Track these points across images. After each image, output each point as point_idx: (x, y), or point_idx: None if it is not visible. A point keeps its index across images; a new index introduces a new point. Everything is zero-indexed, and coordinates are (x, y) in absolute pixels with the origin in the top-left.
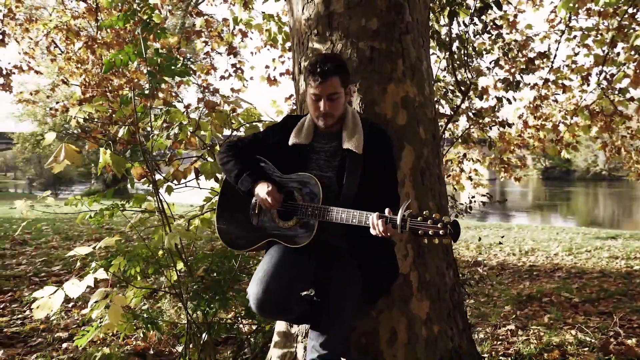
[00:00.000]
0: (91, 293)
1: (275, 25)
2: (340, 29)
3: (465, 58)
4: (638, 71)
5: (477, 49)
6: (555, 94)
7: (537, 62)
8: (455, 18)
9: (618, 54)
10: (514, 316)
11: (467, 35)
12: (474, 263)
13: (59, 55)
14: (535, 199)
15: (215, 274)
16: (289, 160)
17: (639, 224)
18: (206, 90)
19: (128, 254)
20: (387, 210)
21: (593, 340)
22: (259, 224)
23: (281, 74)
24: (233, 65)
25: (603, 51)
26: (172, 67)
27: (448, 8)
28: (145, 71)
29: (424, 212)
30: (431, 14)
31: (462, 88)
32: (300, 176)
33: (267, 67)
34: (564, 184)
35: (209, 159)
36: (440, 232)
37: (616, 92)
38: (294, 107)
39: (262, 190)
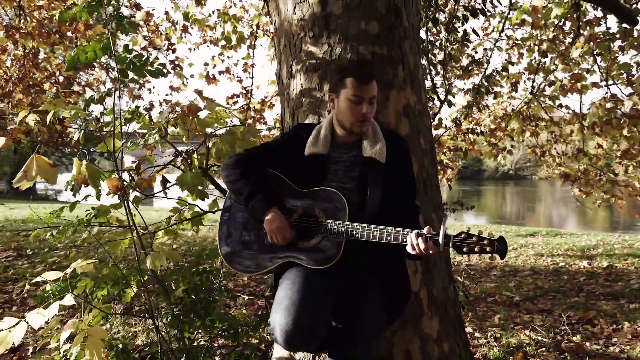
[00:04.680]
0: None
1: (230, 25)
2: (338, 31)
3: (444, 65)
4: (572, 81)
5: (453, 55)
6: (486, 99)
7: (471, 68)
8: (436, 24)
9: (545, 62)
10: (467, 318)
11: (446, 42)
12: None
13: None
14: (449, 197)
15: (193, 296)
16: (305, 172)
17: (540, 219)
18: (143, 88)
19: (94, 275)
20: (426, 229)
21: (546, 340)
22: (273, 244)
23: (220, 72)
24: (172, 61)
25: (534, 60)
26: (147, 67)
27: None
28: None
29: (467, 229)
30: None
31: (439, 95)
32: (321, 190)
33: (206, 64)
34: (475, 183)
35: (183, 167)
36: (487, 248)
37: (546, 99)
38: (243, 106)
39: (273, 222)
